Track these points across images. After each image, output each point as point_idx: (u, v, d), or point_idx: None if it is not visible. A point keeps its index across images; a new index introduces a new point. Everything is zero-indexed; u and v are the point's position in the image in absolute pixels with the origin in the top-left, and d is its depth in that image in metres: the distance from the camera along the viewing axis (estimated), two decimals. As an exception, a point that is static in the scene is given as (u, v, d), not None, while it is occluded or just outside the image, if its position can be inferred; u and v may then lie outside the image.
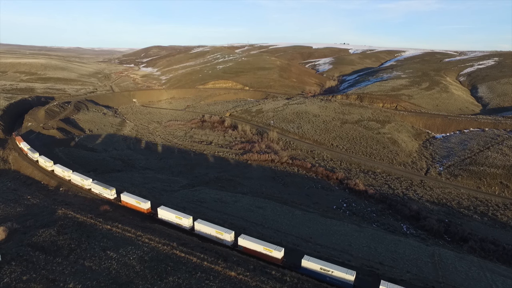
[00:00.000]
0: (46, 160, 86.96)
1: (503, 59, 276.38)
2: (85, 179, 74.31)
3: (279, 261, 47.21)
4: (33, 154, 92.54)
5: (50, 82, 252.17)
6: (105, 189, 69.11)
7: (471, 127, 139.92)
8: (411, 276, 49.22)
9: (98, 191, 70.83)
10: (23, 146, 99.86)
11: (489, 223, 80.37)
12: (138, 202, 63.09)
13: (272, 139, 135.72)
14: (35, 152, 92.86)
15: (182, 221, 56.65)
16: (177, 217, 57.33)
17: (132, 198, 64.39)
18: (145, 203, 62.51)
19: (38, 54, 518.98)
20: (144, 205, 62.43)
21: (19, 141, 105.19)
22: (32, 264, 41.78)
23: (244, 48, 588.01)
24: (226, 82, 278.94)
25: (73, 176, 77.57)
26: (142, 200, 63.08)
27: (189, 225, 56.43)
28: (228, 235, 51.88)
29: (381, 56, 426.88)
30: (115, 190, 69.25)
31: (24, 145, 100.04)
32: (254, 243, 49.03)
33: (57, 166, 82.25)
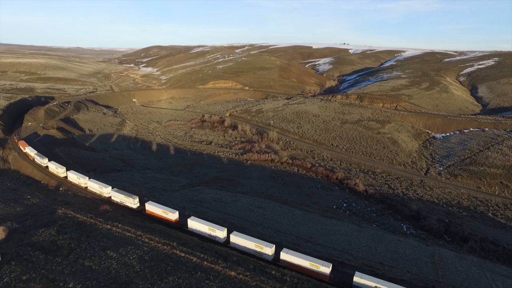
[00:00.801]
0: (57, 166, 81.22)
1: (503, 59, 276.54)
2: (104, 186, 69.22)
3: (327, 277, 43.82)
4: (41, 160, 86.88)
5: (50, 82, 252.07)
6: (127, 197, 64.73)
7: (471, 127, 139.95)
8: (411, 276, 49.19)
9: (119, 199, 66.10)
10: (29, 151, 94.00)
11: (489, 223, 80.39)
12: (165, 212, 58.90)
13: (272, 139, 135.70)
14: (43, 157, 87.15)
15: (216, 233, 52.21)
16: (210, 228, 52.82)
17: (158, 207, 60.08)
18: (173, 213, 58.21)
19: (38, 54, 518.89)
20: (172, 215, 58.17)
21: (24, 145, 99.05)
22: (32, 263, 41.73)
23: (244, 48, 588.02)
24: (226, 82, 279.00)
25: (90, 183, 72.28)
26: (169, 210, 58.98)
27: (223, 238, 52.21)
28: (269, 249, 48.01)
29: (381, 56, 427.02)
30: (138, 198, 64.79)
31: (30, 150, 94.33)
32: (299, 257, 45.40)
33: (71, 173, 77.09)
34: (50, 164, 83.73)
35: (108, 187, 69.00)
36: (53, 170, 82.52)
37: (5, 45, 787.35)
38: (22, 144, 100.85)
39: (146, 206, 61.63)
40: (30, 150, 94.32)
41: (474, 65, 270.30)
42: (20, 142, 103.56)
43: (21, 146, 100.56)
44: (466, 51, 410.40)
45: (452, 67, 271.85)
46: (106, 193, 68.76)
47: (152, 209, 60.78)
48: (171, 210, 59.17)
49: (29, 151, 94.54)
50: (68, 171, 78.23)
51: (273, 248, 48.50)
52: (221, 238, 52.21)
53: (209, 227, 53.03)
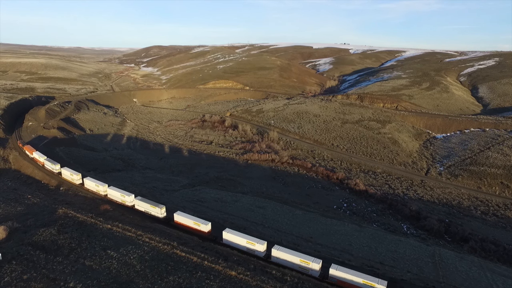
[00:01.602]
0: (72, 172, 76.27)
1: (503, 59, 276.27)
2: (127, 194, 64.82)
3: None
4: (53, 166, 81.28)
5: (51, 82, 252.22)
6: (153, 206, 60.47)
7: (472, 127, 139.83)
8: (412, 276, 49.19)
9: (144, 208, 61.72)
10: (38, 156, 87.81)
11: (489, 223, 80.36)
12: (197, 223, 54.45)
13: (273, 139, 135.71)
14: (55, 163, 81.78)
15: (256, 247, 48.46)
16: (248, 242, 48.84)
17: (188, 218, 55.86)
18: (205, 225, 54.00)
19: (39, 53, 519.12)
20: (205, 227, 53.96)
21: (30, 150, 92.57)
22: (32, 263, 41.79)
23: (244, 48, 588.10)
24: (227, 82, 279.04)
25: (111, 191, 67.52)
26: (201, 221, 54.80)
27: (263, 252, 48.46)
28: (316, 265, 45.03)
29: (382, 56, 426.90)
30: (165, 207, 60.58)
31: (38, 155, 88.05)
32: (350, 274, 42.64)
33: (88, 180, 72.05)
34: (63, 171, 78.56)
35: (131, 195, 64.77)
36: (67, 177, 77.32)
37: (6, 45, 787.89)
38: (29, 149, 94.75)
39: (175, 216, 57.41)
40: (38, 155, 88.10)
41: (474, 65, 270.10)
42: (26, 147, 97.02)
43: (28, 151, 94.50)
44: (466, 51, 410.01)
45: (453, 67, 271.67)
46: (129, 201, 64.42)
47: (182, 220, 56.45)
48: (204, 221, 55.01)
49: (37, 157, 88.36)
50: (85, 178, 73.06)
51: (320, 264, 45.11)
52: (261, 252, 48.38)
53: (248, 240, 49.14)
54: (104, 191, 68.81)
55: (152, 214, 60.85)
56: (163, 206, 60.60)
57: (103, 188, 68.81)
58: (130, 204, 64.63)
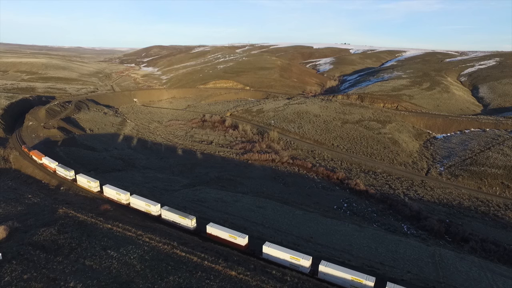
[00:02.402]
0: (89, 179, 72.34)
1: (504, 59, 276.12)
2: (153, 204, 61.62)
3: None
4: (66, 172, 76.93)
5: (51, 82, 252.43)
6: (183, 217, 56.88)
7: (472, 127, 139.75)
8: (412, 276, 49.17)
9: (172, 219, 58.50)
10: (48, 162, 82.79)
11: (490, 223, 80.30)
12: (233, 236, 51.32)
13: (273, 139, 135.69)
14: (69, 169, 77.25)
15: (300, 262, 45.84)
16: (292, 257, 46.03)
17: (223, 230, 52.50)
18: (242, 238, 50.78)
19: (39, 53, 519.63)
20: (242, 240, 50.72)
21: (38, 156, 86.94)
22: (33, 263, 41.80)
23: (244, 48, 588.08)
24: (227, 82, 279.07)
25: (134, 200, 64.16)
26: (238, 234, 51.52)
27: (308, 267, 45.87)
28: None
29: (382, 56, 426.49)
30: (196, 218, 57.29)
31: (48, 160, 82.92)
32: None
33: (108, 187, 68.36)
34: (79, 178, 74.25)
35: (157, 204, 61.29)
36: (83, 184, 73.59)
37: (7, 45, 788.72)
38: (37, 154, 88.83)
39: (207, 228, 53.88)
40: (48, 161, 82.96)
41: (475, 65, 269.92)
42: (33, 153, 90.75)
43: (36, 157, 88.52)
44: (467, 51, 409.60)
45: (453, 67, 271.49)
46: (155, 211, 61.06)
47: (216, 232, 53.00)
48: (240, 234, 51.64)
49: (47, 162, 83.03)
50: (104, 186, 69.28)
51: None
52: (306, 268, 45.51)
53: (291, 255, 46.35)
54: (126, 199, 65.42)
55: (181, 225, 57.26)
56: (193, 217, 57.15)
57: (125, 196, 65.49)
58: (156, 213, 61.13)
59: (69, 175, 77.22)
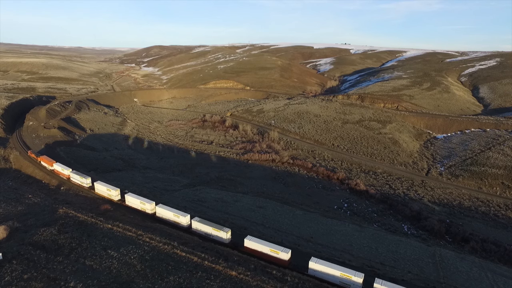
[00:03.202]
0: (109, 187, 68.26)
1: (504, 59, 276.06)
2: (182, 215, 57.91)
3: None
4: (83, 180, 72.04)
5: (51, 82, 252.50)
6: (217, 230, 53.36)
7: (473, 127, 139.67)
8: (412, 276, 49.15)
9: (205, 231, 54.93)
10: (60, 168, 77.71)
11: (490, 223, 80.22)
12: (275, 250, 48.11)
13: (273, 139, 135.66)
14: (85, 176, 72.81)
15: (353, 279, 43.55)
16: (343, 274, 43.52)
17: (264, 245, 48.96)
18: (285, 253, 47.52)
19: (40, 53, 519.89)
20: (284, 254, 47.51)
21: (49, 162, 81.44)
22: (33, 262, 41.81)
23: (245, 48, 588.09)
24: (227, 82, 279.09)
25: (161, 210, 60.29)
26: (280, 249, 48.30)
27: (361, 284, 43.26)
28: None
29: (382, 56, 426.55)
30: (231, 231, 54.00)
31: (60, 167, 77.73)
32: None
33: (131, 196, 64.77)
34: (97, 185, 69.46)
35: (187, 215, 58.05)
36: (102, 193, 69.29)
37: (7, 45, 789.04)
38: (46, 160, 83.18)
39: (245, 242, 50.57)
40: (61, 167, 77.77)
41: (475, 66, 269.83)
42: (43, 158, 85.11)
43: (46, 163, 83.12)
44: (467, 52, 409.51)
45: (454, 68, 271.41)
46: (185, 222, 57.48)
47: (255, 246, 49.64)
48: (283, 248, 48.51)
49: (60, 169, 77.83)
50: (126, 194, 65.56)
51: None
52: (359, 285, 43.47)
53: (342, 272, 43.58)
54: (151, 209, 62.08)
55: (214, 237, 53.63)
56: (228, 229, 53.31)
57: (150, 206, 61.94)
58: (185, 224, 57.67)
59: (85, 183, 72.35)
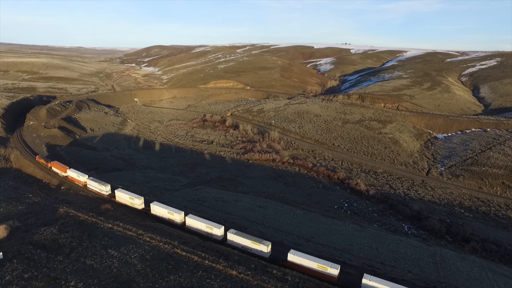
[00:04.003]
0: (131, 195, 63.93)
1: (505, 59, 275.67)
2: (216, 226, 54.34)
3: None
4: (102, 187, 67.98)
5: (52, 81, 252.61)
6: (256, 243, 49.58)
7: (473, 127, 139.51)
8: (413, 276, 49.13)
9: (242, 244, 51.11)
10: (75, 175, 72.93)
11: (491, 223, 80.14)
12: (324, 266, 44.74)
13: (274, 139, 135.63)
14: (104, 183, 68.63)
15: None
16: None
17: (311, 260, 45.52)
18: (335, 269, 44.39)
19: (40, 53, 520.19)
20: (334, 270, 44.36)
21: (61, 168, 76.64)
22: (33, 262, 41.86)
23: (245, 48, 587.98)
24: (228, 81, 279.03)
25: (191, 221, 56.39)
26: (329, 264, 44.64)
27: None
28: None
29: (383, 56, 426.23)
30: (271, 244, 50.26)
31: (76, 173, 73.04)
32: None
33: (157, 205, 60.69)
34: (119, 193, 65.51)
35: (221, 226, 54.46)
36: (124, 201, 65.14)
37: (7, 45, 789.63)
38: (58, 166, 78.52)
39: (289, 256, 47.06)
40: (76, 173, 73.28)
41: (476, 65, 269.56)
42: (54, 164, 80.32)
43: (58, 169, 78.63)
44: (468, 51, 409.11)
45: (454, 67, 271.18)
46: (219, 234, 53.80)
47: (300, 261, 46.39)
48: (332, 264, 45.04)
49: (75, 176, 73.28)
50: (152, 203, 61.54)
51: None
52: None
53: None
54: (180, 219, 58.45)
55: (253, 251, 49.89)
56: (269, 243, 49.95)
57: (179, 216, 58.16)
58: (219, 236, 53.85)
59: (104, 190, 67.90)
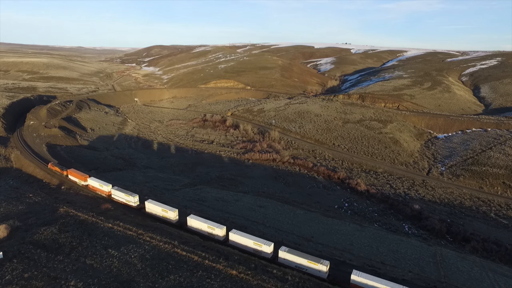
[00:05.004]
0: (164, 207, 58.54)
1: (505, 59, 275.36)
2: (265, 243, 49.16)
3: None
4: (128, 198, 62.34)
5: (52, 81, 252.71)
6: (313, 263, 44.62)
7: (474, 127, 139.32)
8: (413, 275, 49.07)
9: (297, 262, 45.70)
10: (97, 184, 67.60)
11: (491, 223, 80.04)
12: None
13: (274, 139, 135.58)
14: (131, 194, 63.18)
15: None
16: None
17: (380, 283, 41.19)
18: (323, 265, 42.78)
19: (40, 53, 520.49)
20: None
21: (81, 177, 70.92)
22: (33, 261, 41.86)
23: (246, 48, 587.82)
24: (228, 81, 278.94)
25: (236, 236, 50.92)
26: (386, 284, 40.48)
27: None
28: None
29: (383, 56, 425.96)
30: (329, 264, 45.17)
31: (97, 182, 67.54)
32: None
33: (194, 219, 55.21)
34: (149, 205, 60.03)
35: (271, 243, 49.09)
36: (156, 212, 59.48)
37: (8, 45, 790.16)
38: (76, 174, 72.44)
39: (353, 277, 43.04)
40: (98, 182, 67.92)
41: (476, 65, 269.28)
42: (71, 172, 74.00)
43: (76, 178, 72.58)
44: (468, 51, 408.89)
45: (455, 67, 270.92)
46: (269, 251, 48.45)
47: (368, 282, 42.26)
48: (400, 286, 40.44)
49: (97, 185, 67.88)
50: (189, 216, 56.32)
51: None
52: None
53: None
54: (223, 234, 52.79)
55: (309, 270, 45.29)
56: (327, 262, 45.24)
57: (221, 231, 52.55)
58: (268, 254, 48.70)
59: (132, 201, 62.71)
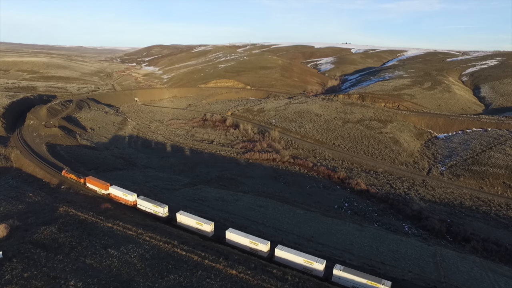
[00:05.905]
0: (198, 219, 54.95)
1: (506, 59, 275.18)
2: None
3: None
4: (157, 208, 58.47)
5: (52, 81, 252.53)
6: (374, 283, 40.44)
7: (474, 127, 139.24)
8: (413, 275, 49.02)
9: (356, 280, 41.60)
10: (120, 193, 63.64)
11: (491, 223, 80.00)
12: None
13: (274, 138, 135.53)
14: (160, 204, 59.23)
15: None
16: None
17: None
18: None
19: (40, 52, 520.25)
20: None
21: (101, 185, 66.50)
22: (33, 261, 41.81)
23: (246, 47, 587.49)
24: (228, 81, 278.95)
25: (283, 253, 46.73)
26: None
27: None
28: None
29: (383, 56, 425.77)
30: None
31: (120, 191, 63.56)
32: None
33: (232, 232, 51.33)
34: (181, 216, 56.12)
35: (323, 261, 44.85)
36: (189, 224, 55.33)
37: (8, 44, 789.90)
38: (96, 182, 67.94)
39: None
40: (121, 191, 63.89)
41: (476, 65, 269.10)
42: (90, 180, 69.61)
43: (96, 186, 67.92)
44: (468, 51, 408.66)
45: (455, 67, 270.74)
46: (320, 268, 44.24)
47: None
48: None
49: (120, 194, 63.88)
50: (227, 230, 52.09)
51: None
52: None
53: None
54: (266, 250, 48.51)
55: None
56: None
57: (265, 247, 48.27)
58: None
59: (161, 212, 58.39)
